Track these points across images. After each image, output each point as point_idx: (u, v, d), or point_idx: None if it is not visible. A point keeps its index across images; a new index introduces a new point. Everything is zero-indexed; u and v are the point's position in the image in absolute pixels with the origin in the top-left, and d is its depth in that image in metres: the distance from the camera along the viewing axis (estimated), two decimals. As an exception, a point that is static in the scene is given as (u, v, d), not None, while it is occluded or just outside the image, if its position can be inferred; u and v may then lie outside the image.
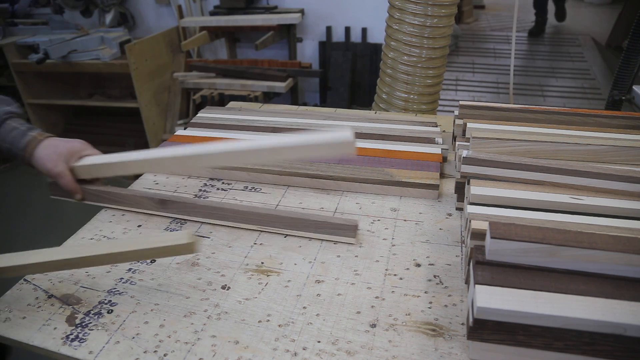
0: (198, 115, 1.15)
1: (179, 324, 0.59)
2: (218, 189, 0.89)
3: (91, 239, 0.76)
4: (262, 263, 0.69)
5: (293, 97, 2.78)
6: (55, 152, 0.76)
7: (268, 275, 0.67)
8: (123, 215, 0.82)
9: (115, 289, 0.65)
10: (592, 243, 0.51)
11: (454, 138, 0.97)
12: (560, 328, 0.48)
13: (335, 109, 1.22)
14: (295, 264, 0.69)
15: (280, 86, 2.43)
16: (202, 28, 2.71)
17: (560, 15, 4.48)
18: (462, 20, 4.96)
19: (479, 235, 0.61)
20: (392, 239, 0.74)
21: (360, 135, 1.02)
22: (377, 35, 2.70)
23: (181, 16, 2.80)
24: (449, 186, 0.87)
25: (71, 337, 0.57)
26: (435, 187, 0.83)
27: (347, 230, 0.73)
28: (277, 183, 0.90)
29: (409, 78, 1.28)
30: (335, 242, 0.73)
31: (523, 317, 0.48)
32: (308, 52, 2.89)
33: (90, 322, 0.59)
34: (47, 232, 2.17)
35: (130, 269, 0.69)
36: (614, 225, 0.63)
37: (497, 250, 0.53)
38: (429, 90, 1.31)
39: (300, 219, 0.74)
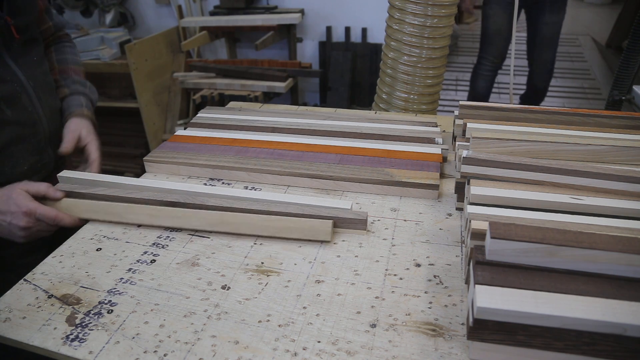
0: (198, 115, 1.15)
1: (179, 324, 0.59)
2: (218, 189, 0.89)
3: (91, 239, 0.76)
4: (262, 263, 0.69)
5: (293, 97, 2.78)
6: (73, 127, 0.94)
7: (268, 275, 0.67)
8: (123, 215, 0.82)
9: (115, 289, 0.65)
10: (592, 243, 0.51)
11: (454, 138, 0.97)
12: (560, 328, 0.48)
13: (335, 109, 1.22)
14: (295, 264, 0.69)
15: (280, 86, 2.43)
16: (202, 28, 2.71)
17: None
18: (462, 20, 4.96)
19: (479, 235, 0.61)
20: (392, 239, 0.74)
21: (360, 135, 1.02)
22: (377, 35, 2.70)
23: (181, 16, 2.80)
24: (449, 186, 0.87)
25: (71, 337, 0.57)
26: (435, 187, 0.83)
27: (357, 223, 0.74)
28: (278, 183, 0.90)
29: (409, 78, 1.28)
30: (336, 242, 0.73)
31: (523, 317, 0.48)
32: (308, 52, 2.89)
33: (90, 322, 0.59)
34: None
35: (130, 269, 0.69)
36: (614, 225, 0.63)
37: (497, 250, 0.53)
38: (429, 90, 1.30)
39: (310, 215, 0.74)
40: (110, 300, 0.63)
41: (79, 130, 0.95)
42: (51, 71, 1.03)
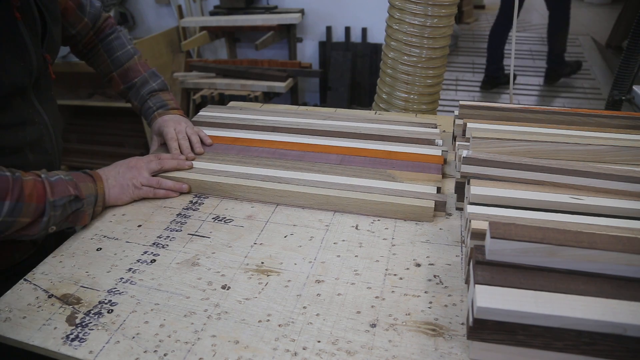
0: (199, 114, 1.15)
1: (179, 323, 0.59)
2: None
3: (91, 239, 0.76)
4: (262, 263, 0.69)
5: (293, 97, 2.78)
6: (157, 127, 0.98)
7: (268, 275, 0.67)
8: (123, 215, 0.82)
9: (115, 289, 0.65)
10: (592, 243, 0.51)
11: (454, 138, 0.97)
12: (560, 328, 0.48)
13: (335, 109, 1.22)
14: (295, 264, 0.69)
15: (280, 86, 2.43)
16: (202, 28, 2.71)
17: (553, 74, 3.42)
18: (462, 20, 4.96)
19: (479, 235, 0.61)
20: (392, 239, 0.74)
21: (360, 136, 1.02)
22: (377, 35, 2.70)
23: (181, 16, 2.80)
24: (449, 186, 0.87)
25: (71, 336, 0.57)
26: (438, 189, 0.83)
27: (439, 205, 0.78)
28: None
29: (409, 78, 1.28)
30: (336, 242, 0.73)
31: (523, 317, 0.48)
32: (308, 52, 2.89)
33: (91, 322, 0.59)
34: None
35: (130, 269, 0.69)
36: (614, 225, 0.63)
37: (497, 250, 0.53)
38: (429, 90, 1.30)
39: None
40: (111, 300, 0.63)
41: (154, 132, 1.00)
42: (106, 76, 1.01)
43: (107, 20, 1.01)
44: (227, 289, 0.64)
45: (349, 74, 2.72)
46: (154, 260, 0.70)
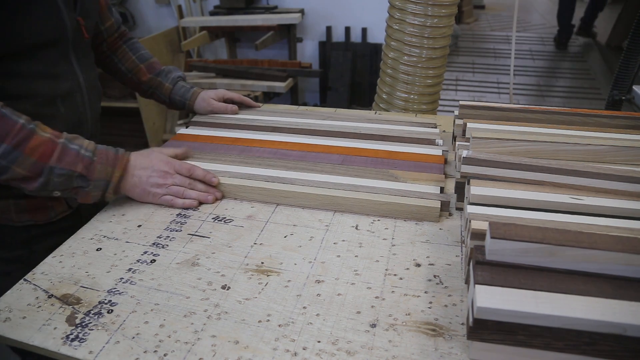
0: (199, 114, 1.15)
1: (179, 324, 0.59)
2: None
3: (91, 239, 0.76)
4: (262, 263, 0.69)
5: (293, 97, 2.78)
6: (207, 96, 1.12)
7: (268, 275, 0.67)
8: (123, 215, 0.82)
9: (115, 289, 0.65)
10: (592, 243, 0.51)
11: (454, 138, 0.97)
12: (560, 328, 0.48)
13: (335, 109, 1.22)
14: (295, 264, 0.69)
15: (280, 86, 2.43)
16: (202, 28, 2.71)
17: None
18: (462, 20, 4.96)
19: (479, 235, 0.61)
20: (392, 239, 0.74)
21: (361, 136, 1.02)
22: (377, 35, 2.71)
23: (181, 16, 2.80)
24: (449, 186, 0.87)
25: (71, 337, 0.57)
26: (441, 189, 0.83)
27: (444, 205, 0.78)
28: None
29: (409, 78, 1.28)
30: (336, 242, 0.73)
31: (523, 317, 0.48)
32: (308, 52, 2.89)
33: (90, 322, 0.59)
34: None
35: (130, 269, 0.69)
36: (614, 225, 0.63)
37: (497, 250, 0.53)
38: (429, 90, 1.31)
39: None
40: (110, 300, 0.63)
41: (210, 96, 1.12)
42: (132, 70, 1.08)
43: (125, 30, 1.11)
44: (227, 289, 0.64)
45: (349, 74, 2.72)
46: (154, 261, 0.70)
